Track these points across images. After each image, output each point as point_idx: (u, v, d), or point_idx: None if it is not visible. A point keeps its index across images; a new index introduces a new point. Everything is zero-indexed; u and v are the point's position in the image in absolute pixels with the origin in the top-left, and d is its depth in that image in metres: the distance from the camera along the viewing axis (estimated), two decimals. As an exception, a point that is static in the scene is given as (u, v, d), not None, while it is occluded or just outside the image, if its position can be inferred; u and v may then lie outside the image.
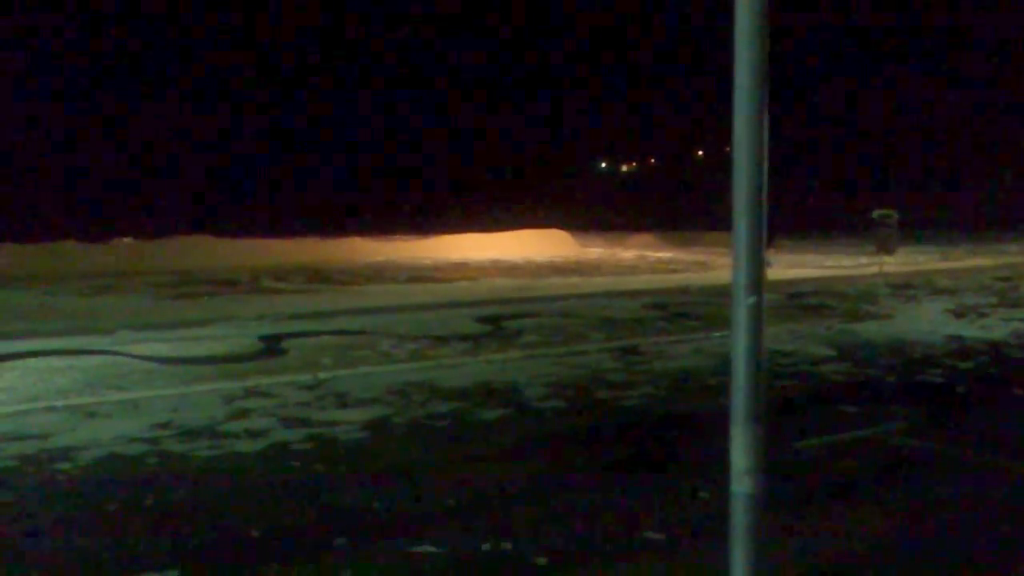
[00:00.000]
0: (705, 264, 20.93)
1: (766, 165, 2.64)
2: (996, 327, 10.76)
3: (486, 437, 6.05)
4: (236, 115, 43.22)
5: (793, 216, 30.23)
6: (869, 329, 10.69)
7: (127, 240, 22.52)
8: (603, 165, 56.95)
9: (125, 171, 40.03)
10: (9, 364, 8.67)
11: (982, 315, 11.81)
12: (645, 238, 28.79)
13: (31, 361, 8.82)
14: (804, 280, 16.75)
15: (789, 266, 19.81)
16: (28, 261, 19.66)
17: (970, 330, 10.55)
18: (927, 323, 11.12)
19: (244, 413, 6.66)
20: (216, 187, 39.79)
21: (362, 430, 6.21)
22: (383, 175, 45.93)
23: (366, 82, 47.35)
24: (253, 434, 6.09)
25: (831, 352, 9.09)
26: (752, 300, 2.59)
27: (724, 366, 7.35)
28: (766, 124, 2.62)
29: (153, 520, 4.50)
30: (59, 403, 6.99)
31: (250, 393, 7.35)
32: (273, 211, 34.76)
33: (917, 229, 28.88)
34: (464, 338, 10.19)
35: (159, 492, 4.93)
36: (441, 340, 10.02)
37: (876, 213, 26.24)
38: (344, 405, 6.91)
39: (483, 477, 5.16)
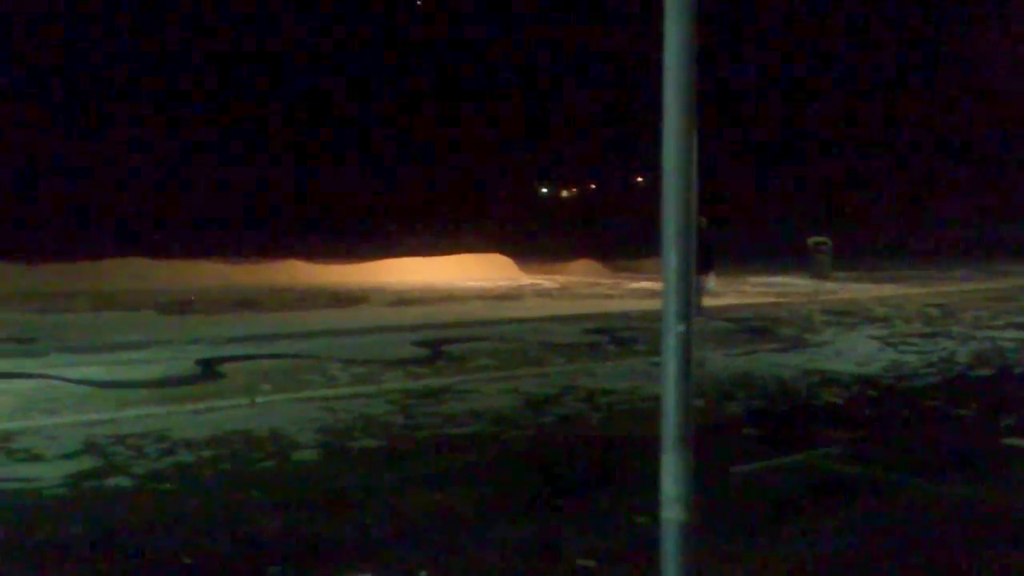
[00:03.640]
0: (646, 291, 21.16)
1: (695, 196, 2.71)
2: (918, 355, 11.07)
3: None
4: (171, 137, 42.65)
5: (732, 242, 30.72)
6: (795, 359, 10.93)
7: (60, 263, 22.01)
8: (544, 190, 57.30)
9: (55, 191, 39.21)
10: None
11: (911, 344, 12.13)
12: (586, 263, 28.96)
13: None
14: (739, 307, 17.04)
15: (730, 293, 20.13)
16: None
17: (895, 357, 10.85)
18: (855, 352, 11.38)
19: (171, 438, 6.59)
20: (151, 210, 39.14)
21: (313, 449, 6.20)
22: (323, 199, 45.63)
23: (303, 105, 47.03)
24: (176, 459, 6.04)
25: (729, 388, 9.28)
26: (681, 328, 2.67)
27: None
28: (695, 155, 2.70)
29: (78, 550, 4.45)
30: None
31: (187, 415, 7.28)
32: (210, 234, 34.27)
33: (855, 256, 29.51)
34: (405, 362, 10.19)
35: (75, 521, 4.87)
36: (389, 364, 10.00)
37: (811, 240, 26.82)
38: (281, 434, 6.88)
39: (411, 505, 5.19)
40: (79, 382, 8.79)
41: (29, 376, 9.08)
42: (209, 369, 9.69)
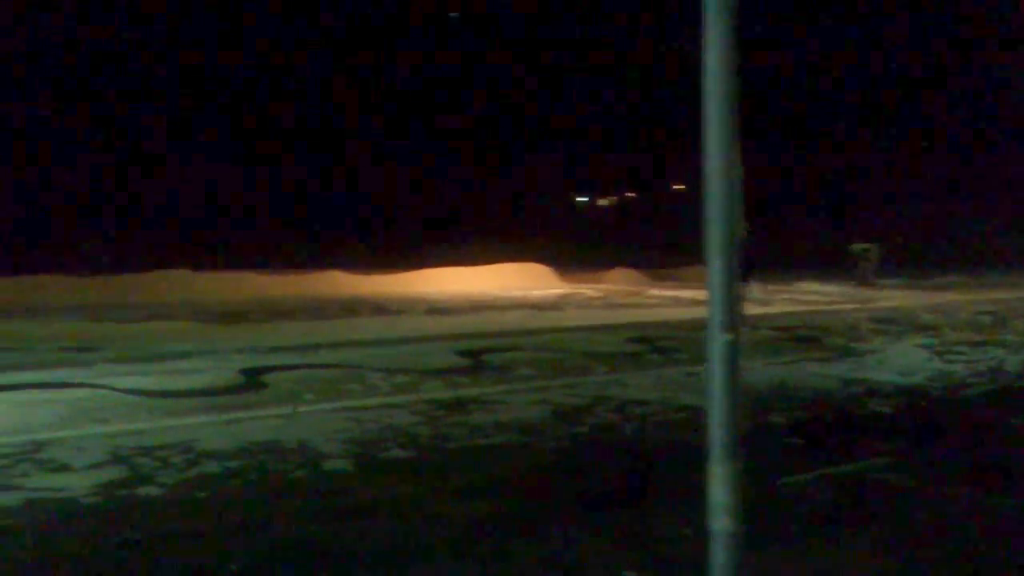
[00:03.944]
0: (686, 300, 21.05)
1: (739, 203, 2.69)
2: (966, 364, 10.89)
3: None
4: (213, 147, 43.19)
5: (772, 249, 30.45)
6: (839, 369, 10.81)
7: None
8: (581, 199, 57.13)
9: (100, 202, 39.84)
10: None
11: (959, 353, 11.94)
12: (626, 272, 28.87)
13: (14, 394, 8.79)
14: (782, 315, 16.89)
15: (773, 301, 19.95)
16: (14, 294, 19.53)
17: (946, 367, 10.69)
18: (901, 361, 11.24)
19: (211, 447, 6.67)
20: (193, 221, 39.66)
21: (342, 459, 6.24)
22: (361, 209, 45.94)
23: (344, 117, 47.37)
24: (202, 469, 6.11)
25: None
26: (728, 337, 2.66)
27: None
28: (739, 163, 2.68)
29: (124, 556, 4.51)
30: (42, 436, 6.99)
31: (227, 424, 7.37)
32: (252, 245, 34.70)
33: (899, 263, 29.06)
34: (446, 372, 10.23)
35: (124, 527, 4.94)
36: (427, 374, 10.06)
37: (857, 247, 26.43)
38: (309, 443, 6.93)
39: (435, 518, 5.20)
40: (128, 391, 8.93)
41: (79, 386, 9.24)
42: (253, 378, 9.80)
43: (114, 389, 9.03)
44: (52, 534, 4.80)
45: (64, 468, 6.06)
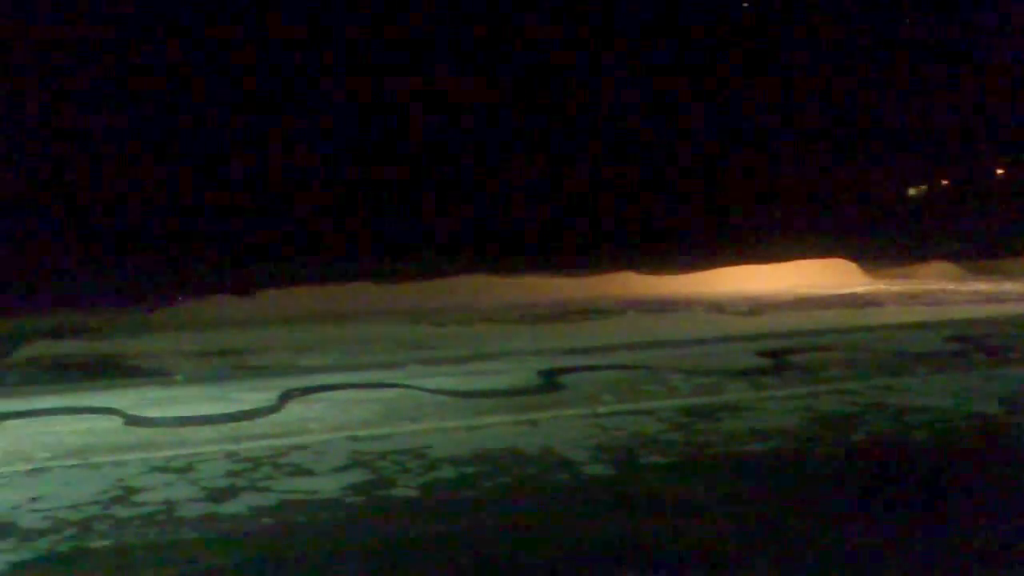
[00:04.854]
0: (1012, 294, 19.07)
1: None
2: None
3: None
4: (499, 156, 44.78)
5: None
6: None
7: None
8: (910, 191, 53.41)
9: (406, 216, 42.49)
10: (316, 396, 9.30)
11: None
12: (940, 266, 26.68)
13: (335, 393, 9.41)
14: None
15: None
16: (332, 301, 21.19)
17: None
18: None
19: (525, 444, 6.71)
20: (490, 228, 41.40)
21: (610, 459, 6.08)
22: (655, 209, 45.78)
23: (641, 104, 47.20)
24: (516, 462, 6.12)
25: None
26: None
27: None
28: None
29: (459, 547, 4.59)
30: (361, 432, 7.39)
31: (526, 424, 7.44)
32: (545, 249, 35.68)
33: None
34: (748, 372, 9.81)
35: (444, 521, 5.04)
36: (727, 374, 9.69)
37: None
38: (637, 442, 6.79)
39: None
40: (435, 392, 9.29)
41: (392, 386, 9.74)
42: (551, 380, 9.87)
43: (423, 389, 9.42)
44: (323, 532, 4.97)
45: (308, 472, 6.22)
